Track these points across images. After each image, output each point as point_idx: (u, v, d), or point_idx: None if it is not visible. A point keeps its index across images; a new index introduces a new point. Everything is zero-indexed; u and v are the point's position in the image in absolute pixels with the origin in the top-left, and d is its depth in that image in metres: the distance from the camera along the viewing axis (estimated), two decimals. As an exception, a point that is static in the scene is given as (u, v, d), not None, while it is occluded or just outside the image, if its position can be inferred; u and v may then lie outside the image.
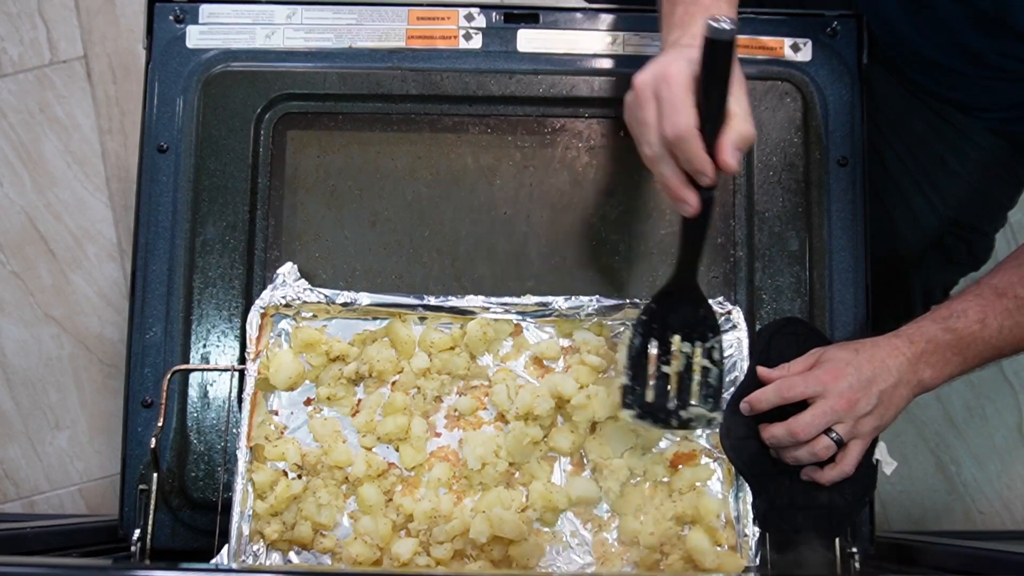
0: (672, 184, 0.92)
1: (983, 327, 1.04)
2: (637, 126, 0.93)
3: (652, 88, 0.90)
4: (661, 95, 0.89)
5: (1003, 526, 1.75)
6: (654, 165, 0.92)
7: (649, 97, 0.90)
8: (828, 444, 1.02)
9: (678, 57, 0.90)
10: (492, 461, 1.09)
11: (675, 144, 0.89)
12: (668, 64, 0.90)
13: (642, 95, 0.91)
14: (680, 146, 0.89)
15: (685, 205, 0.93)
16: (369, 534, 1.08)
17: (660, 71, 0.90)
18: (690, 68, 0.89)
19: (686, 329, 1.05)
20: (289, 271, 1.14)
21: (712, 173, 0.91)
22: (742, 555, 1.07)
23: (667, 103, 0.88)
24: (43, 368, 1.74)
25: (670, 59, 0.90)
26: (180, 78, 1.21)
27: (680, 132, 0.88)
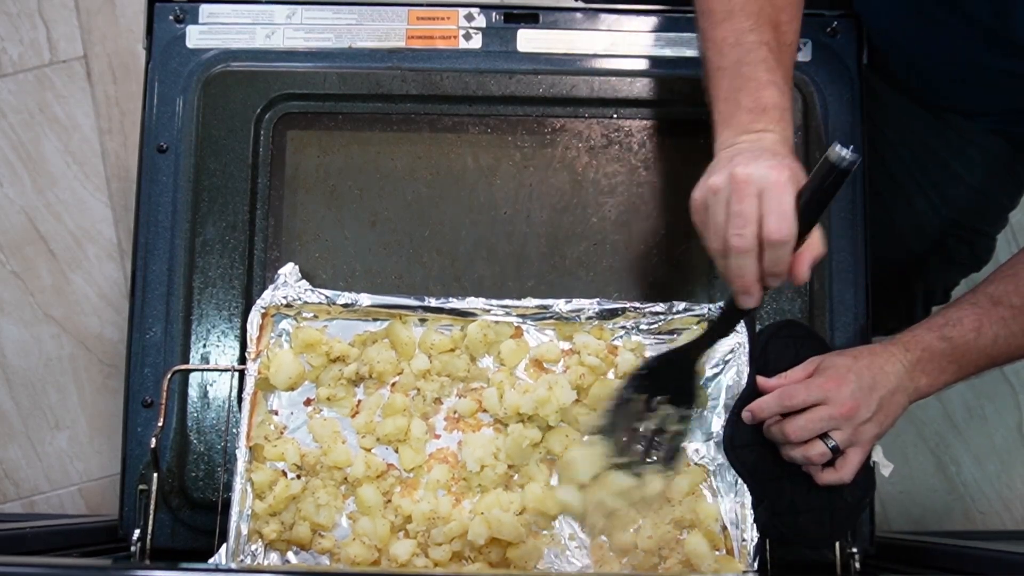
0: (749, 277, 0.94)
1: (979, 336, 1.05)
2: (726, 216, 0.94)
3: (757, 187, 0.92)
4: (768, 197, 0.91)
5: (1003, 526, 1.75)
6: (738, 256, 0.93)
7: (751, 194, 0.92)
8: (823, 451, 1.03)
9: (783, 166, 0.92)
10: (491, 463, 1.09)
11: (773, 246, 0.91)
12: (774, 170, 0.92)
13: (744, 189, 0.92)
14: (777, 249, 0.92)
15: (750, 298, 0.96)
16: (367, 535, 1.08)
17: (767, 174, 0.91)
18: (795, 180, 0.92)
19: (674, 394, 1.08)
20: (290, 271, 1.14)
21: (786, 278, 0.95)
22: (740, 559, 1.07)
23: (775, 207, 0.91)
24: (43, 368, 1.74)
25: (774, 165, 0.92)
26: (180, 78, 1.21)
27: (785, 237, 0.91)
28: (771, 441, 1.07)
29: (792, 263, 0.93)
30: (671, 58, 1.22)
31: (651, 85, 1.21)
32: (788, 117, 1.00)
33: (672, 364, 1.08)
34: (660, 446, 1.08)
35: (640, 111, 1.22)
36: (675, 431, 1.08)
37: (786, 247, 0.91)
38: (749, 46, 1.00)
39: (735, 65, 1.01)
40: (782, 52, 1.01)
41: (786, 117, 0.99)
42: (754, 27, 1.00)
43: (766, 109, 0.98)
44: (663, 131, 1.21)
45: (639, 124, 1.22)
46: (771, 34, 1.01)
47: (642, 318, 1.13)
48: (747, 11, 1.01)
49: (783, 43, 1.02)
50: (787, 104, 1.00)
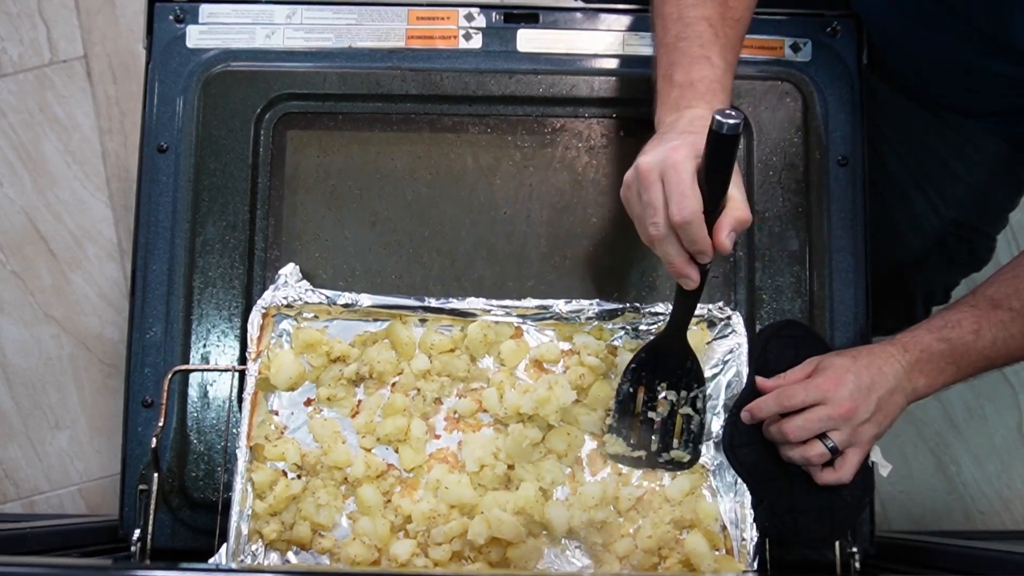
0: (677, 262, 0.96)
1: (977, 338, 1.05)
2: (641, 207, 0.96)
3: (658, 172, 0.93)
4: (668, 180, 0.92)
5: (1003, 526, 1.75)
6: (659, 244, 0.96)
7: (655, 180, 0.93)
8: (822, 452, 1.03)
9: (682, 144, 0.93)
10: (491, 463, 1.09)
11: (681, 227, 0.93)
12: (673, 151, 0.93)
13: (647, 178, 0.94)
14: (686, 229, 0.93)
15: (688, 280, 0.98)
16: (367, 535, 1.08)
17: (665, 157, 0.93)
18: (694, 155, 0.92)
19: (672, 379, 1.10)
20: (291, 272, 1.14)
21: (711, 254, 0.96)
22: (740, 559, 1.07)
23: (675, 189, 0.92)
24: (43, 368, 1.74)
25: (673, 145, 0.93)
26: (180, 78, 1.21)
27: (687, 217, 0.92)
28: (771, 441, 1.07)
29: (714, 234, 0.94)
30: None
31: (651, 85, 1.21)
32: (717, 88, 0.99)
33: (660, 349, 1.09)
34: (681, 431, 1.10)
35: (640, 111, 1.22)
36: (687, 413, 1.10)
37: (692, 225, 0.92)
38: (689, 20, 1.01)
39: (674, 41, 1.02)
40: (727, 26, 1.02)
41: (714, 88, 0.99)
42: (698, 2, 1.01)
43: (693, 83, 0.99)
44: (663, 131, 1.21)
45: (639, 124, 1.22)
46: (716, 9, 1.01)
47: (642, 318, 1.13)
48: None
49: (729, 18, 1.02)
50: (717, 76, 1.00)
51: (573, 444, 1.11)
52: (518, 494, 1.08)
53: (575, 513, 1.07)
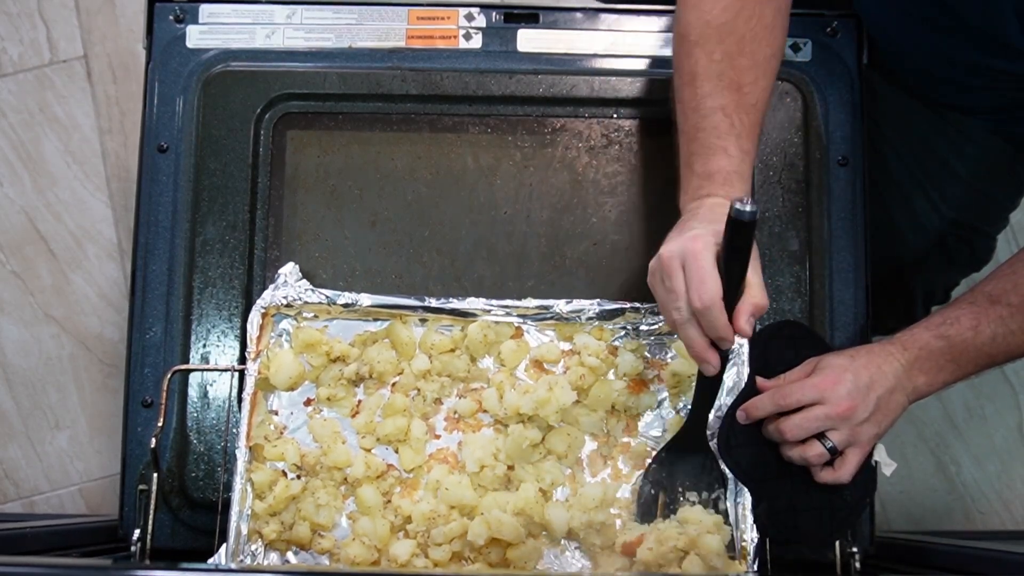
0: (697, 347, 0.99)
1: (976, 334, 1.05)
2: (665, 293, 0.99)
3: (680, 260, 0.97)
4: (689, 267, 0.96)
5: (1003, 526, 1.75)
6: (681, 328, 0.99)
7: (677, 268, 0.97)
8: (820, 452, 1.03)
9: (703, 232, 0.97)
10: (491, 464, 1.09)
11: (702, 313, 0.96)
12: (693, 239, 0.97)
13: (669, 265, 0.98)
14: (706, 315, 0.96)
15: (708, 365, 1.01)
16: (367, 535, 1.08)
17: (686, 246, 0.97)
18: (714, 242, 0.96)
19: (693, 479, 1.09)
20: (291, 271, 1.14)
21: (732, 341, 0.99)
22: (740, 560, 1.07)
23: (695, 276, 0.95)
24: (43, 368, 1.74)
25: (694, 235, 0.97)
26: (180, 78, 1.21)
27: (707, 303, 0.95)
28: (769, 441, 1.07)
29: (733, 319, 0.97)
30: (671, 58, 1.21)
31: (651, 85, 1.21)
32: (734, 178, 1.03)
33: (680, 448, 1.10)
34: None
35: (640, 111, 1.22)
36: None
37: (712, 311, 0.95)
38: (705, 111, 1.04)
39: (692, 130, 1.05)
40: (742, 113, 1.04)
41: (731, 179, 1.03)
42: (712, 91, 1.04)
43: (711, 175, 1.03)
44: (664, 131, 1.21)
45: (639, 124, 1.22)
46: (730, 97, 1.03)
47: (642, 319, 1.13)
48: (708, 74, 1.04)
49: (745, 104, 1.04)
50: (734, 166, 1.03)
51: (573, 445, 1.11)
52: (518, 495, 1.08)
53: (575, 514, 1.07)
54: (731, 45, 1.04)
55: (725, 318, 0.96)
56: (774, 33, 1.07)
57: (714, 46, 1.04)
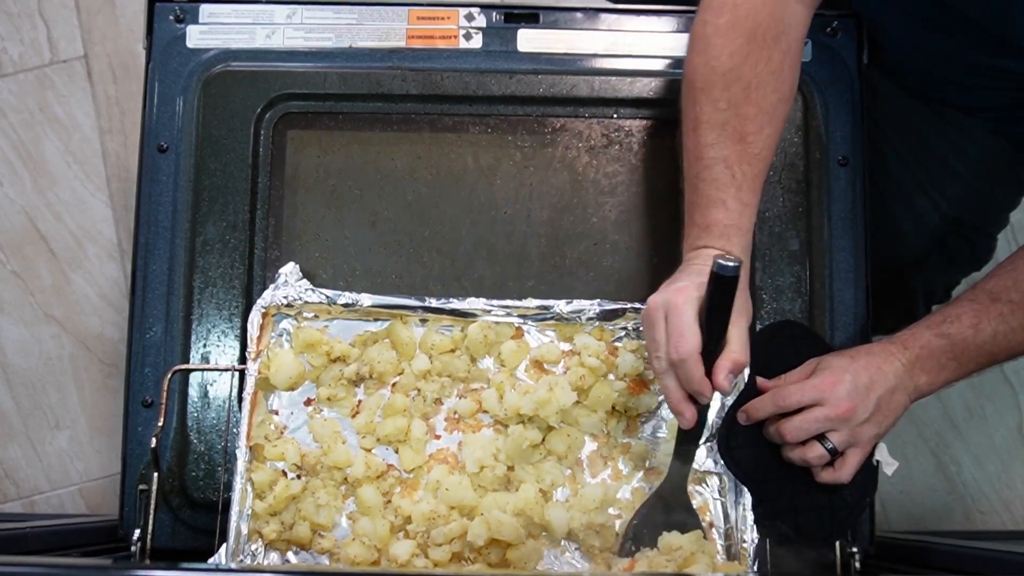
0: (674, 398, 1.01)
1: (977, 332, 1.05)
2: (649, 342, 1.01)
3: (663, 311, 0.98)
4: (670, 320, 0.98)
5: (1003, 526, 1.75)
6: (660, 378, 1.01)
7: (659, 319, 0.99)
8: (821, 454, 1.03)
9: (688, 285, 0.98)
10: (491, 464, 1.09)
11: (678, 365, 0.97)
12: (677, 292, 0.98)
13: (654, 315, 1.00)
14: (682, 367, 0.97)
15: (683, 418, 1.01)
16: (367, 535, 1.08)
17: (671, 298, 0.98)
18: (697, 296, 0.97)
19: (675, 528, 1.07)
20: (291, 271, 1.14)
21: (710, 396, 1.00)
22: (740, 560, 1.07)
23: (674, 329, 0.97)
24: (43, 368, 1.74)
25: (678, 287, 0.99)
26: (180, 78, 1.21)
27: (683, 355, 0.96)
28: (769, 441, 1.07)
29: (712, 374, 0.98)
30: (671, 58, 1.22)
31: (651, 85, 1.21)
32: (732, 232, 1.03)
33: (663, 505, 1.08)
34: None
35: (640, 111, 1.22)
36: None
37: (687, 363, 0.96)
38: (707, 162, 1.04)
39: (694, 180, 1.05)
40: (744, 164, 1.03)
41: (728, 233, 1.03)
42: (715, 141, 1.03)
43: (709, 227, 1.03)
44: (663, 131, 1.21)
45: (639, 124, 1.22)
46: (733, 147, 1.03)
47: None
48: (712, 123, 1.03)
49: (748, 155, 1.03)
50: (732, 219, 1.03)
51: (573, 445, 1.11)
52: (518, 496, 1.08)
53: (575, 515, 1.07)
54: (736, 92, 1.03)
55: (701, 372, 0.97)
56: (781, 78, 1.05)
57: (719, 93, 1.03)
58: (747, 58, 1.03)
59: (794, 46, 1.06)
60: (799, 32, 1.07)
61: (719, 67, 1.03)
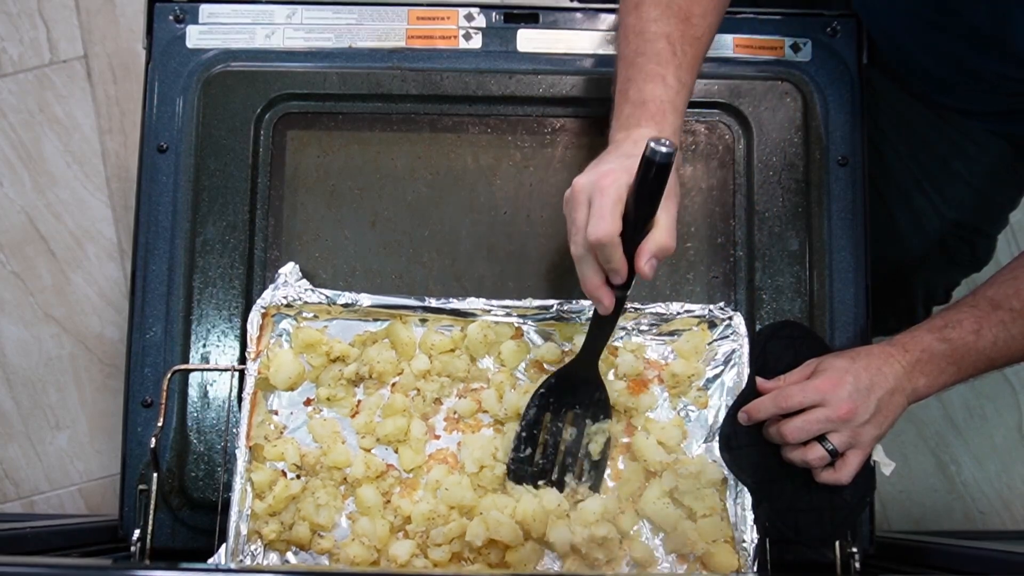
0: (591, 284, 0.97)
1: (978, 338, 1.05)
2: (569, 224, 0.98)
3: (587, 193, 0.95)
4: (593, 202, 0.94)
5: (1003, 526, 1.75)
6: (578, 263, 0.97)
7: (583, 201, 0.95)
8: (821, 455, 1.03)
9: (616, 167, 0.95)
10: (490, 464, 1.09)
11: (596, 247, 0.94)
12: (604, 175, 0.95)
13: (577, 198, 0.96)
14: (601, 250, 0.94)
15: (600, 304, 0.98)
16: (367, 535, 1.08)
17: (596, 179, 0.95)
18: (625, 179, 0.94)
19: (581, 408, 1.09)
20: (291, 271, 1.14)
21: (625, 275, 0.96)
22: (740, 560, 1.07)
23: (595, 210, 0.93)
24: (43, 368, 1.74)
25: (606, 170, 0.95)
26: (180, 78, 1.21)
27: (601, 238, 0.93)
28: (770, 442, 1.07)
29: (635, 258, 0.95)
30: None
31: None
32: (667, 109, 0.99)
33: (572, 377, 1.09)
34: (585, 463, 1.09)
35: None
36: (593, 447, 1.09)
37: (606, 247, 0.93)
38: (649, 36, 1.01)
39: (632, 55, 1.02)
40: (686, 44, 1.01)
41: (664, 109, 0.99)
42: (659, 17, 1.00)
43: (645, 102, 0.99)
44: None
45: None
46: (677, 26, 1.00)
47: (642, 319, 1.13)
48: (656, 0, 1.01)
49: (690, 36, 1.01)
50: (670, 96, 0.99)
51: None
52: (518, 508, 1.07)
53: (576, 529, 1.06)
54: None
55: (619, 254, 0.94)
56: None
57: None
58: None
59: None
60: None
61: None
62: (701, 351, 1.12)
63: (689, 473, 1.08)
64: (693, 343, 1.12)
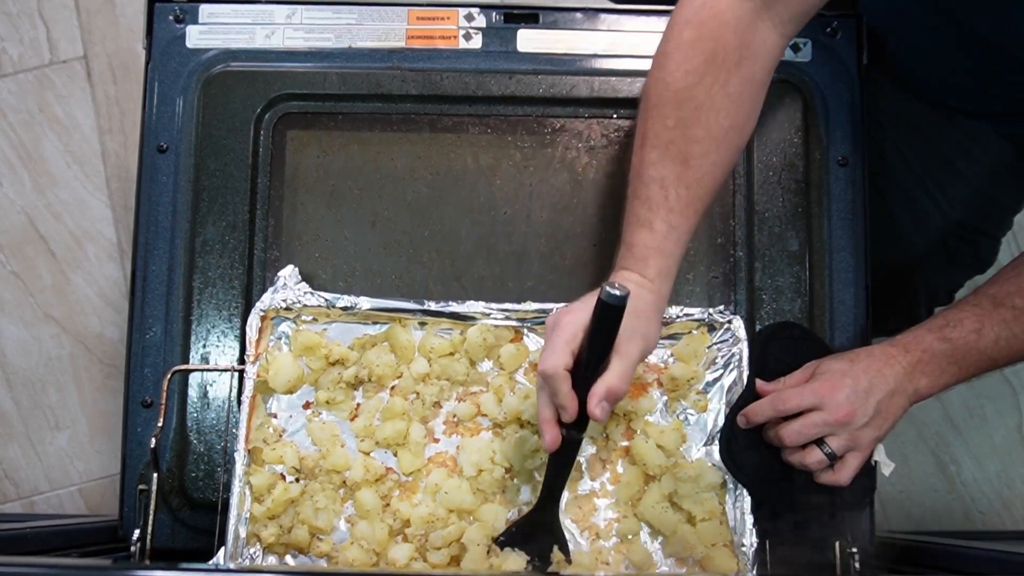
0: (540, 416, 0.98)
1: (979, 337, 1.04)
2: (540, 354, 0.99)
3: (550, 327, 0.98)
4: (549, 336, 0.97)
5: (1003, 526, 1.75)
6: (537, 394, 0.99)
7: (548, 334, 0.98)
8: (820, 458, 1.03)
9: (581, 306, 0.96)
10: (488, 467, 1.09)
11: (544, 378, 0.95)
12: (569, 311, 0.97)
13: (546, 330, 0.99)
14: (548, 382, 0.95)
15: (544, 439, 0.98)
16: (366, 539, 1.08)
17: (560, 315, 0.97)
18: (583, 318, 0.94)
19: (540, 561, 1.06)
20: (290, 274, 1.14)
21: (573, 413, 0.95)
22: (740, 560, 1.07)
23: (548, 344, 0.96)
24: (43, 368, 1.73)
25: (575, 306, 0.97)
26: (180, 78, 1.21)
27: (546, 370, 0.95)
28: (770, 444, 1.07)
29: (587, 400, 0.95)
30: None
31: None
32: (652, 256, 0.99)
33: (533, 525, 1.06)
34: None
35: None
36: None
37: (552, 379, 0.94)
38: (645, 180, 1.00)
39: (631, 196, 1.02)
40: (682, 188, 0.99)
41: (648, 256, 0.99)
42: (657, 160, 0.99)
43: (632, 247, 1.00)
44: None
45: (639, 124, 1.22)
46: (673, 168, 0.98)
47: (641, 321, 1.13)
48: (657, 142, 0.99)
49: (687, 178, 0.99)
50: (656, 242, 0.99)
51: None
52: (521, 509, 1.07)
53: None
54: (687, 113, 0.98)
55: (566, 389, 0.94)
56: (738, 105, 1.00)
57: (669, 111, 0.99)
58: (703, 79, 0.98)
59: (759, 75, 1.01)
60: (767, 62, 1.01)
61: (672, 84, 0.99)
62: (700, 355, 1.12)
63: (688, 477, 1.08)
64: (692, 347, 1.12)
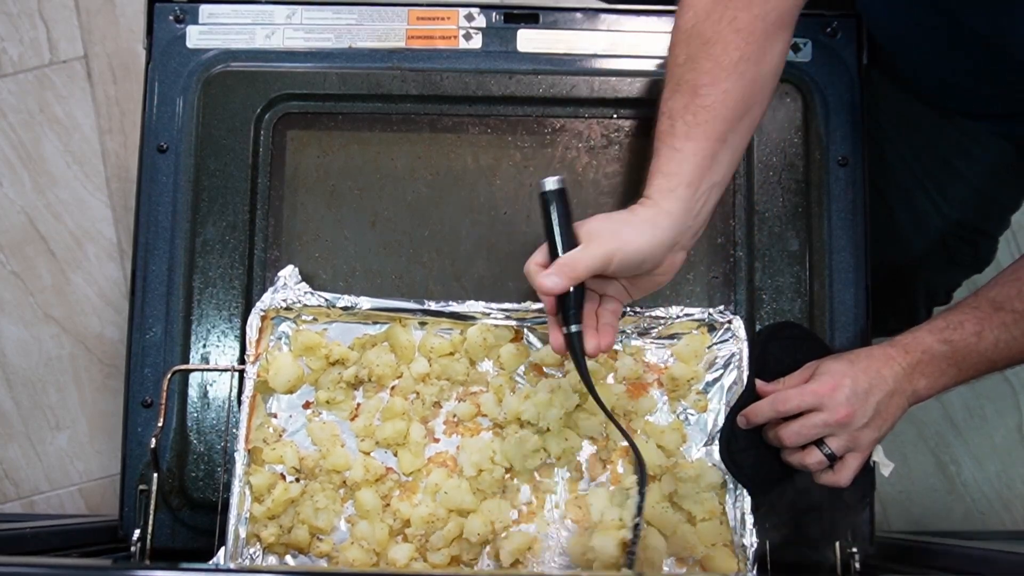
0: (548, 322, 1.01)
1: (979, 340, 1.05)
2: None
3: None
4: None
5: (1003, 526, 1.75)
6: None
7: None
8: (819, 459, 1.03)
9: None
10: (488, 467, 1.09)
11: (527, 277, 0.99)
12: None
13: None
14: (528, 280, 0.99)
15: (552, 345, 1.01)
16: (366, 539, 1.08)
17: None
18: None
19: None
20: (290, 274, 1.14)
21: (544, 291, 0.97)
22: (741, 561, 1.07)
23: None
24: (43, 368, 1.74)
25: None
26: (180, 78, 1.21)
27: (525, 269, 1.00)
28: (769, 445, 1.07)
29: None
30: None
31: (651, 85, 1.21)
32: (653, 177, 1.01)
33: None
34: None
35: (640, 111, 1.22)
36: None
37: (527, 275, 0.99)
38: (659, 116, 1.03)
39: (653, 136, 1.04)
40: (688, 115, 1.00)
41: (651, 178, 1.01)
42: (668, 97, 1.02)
43: (652, 175, 1.02)
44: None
45: (639, 124, 1.22)
46: (681, 100, 1.01)
47: (642, 322, 1.13)
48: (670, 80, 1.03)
49: (695, 107, 1.00)
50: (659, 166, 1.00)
51: (572, 449, 1.11)
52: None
53: None
54: (695, 48, 1.01)
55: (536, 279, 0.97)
56: (748, 38, 1.01)
57: (680, 50, 1.02)
58: (709, 15, 1.01)
59: (771, 15, 1.02)
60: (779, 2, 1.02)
61: (683, 26, 1.02)
62: (700, 355, 1.12)
63: (688, 477, 1.08)
64: (692, 347, 1.12)
